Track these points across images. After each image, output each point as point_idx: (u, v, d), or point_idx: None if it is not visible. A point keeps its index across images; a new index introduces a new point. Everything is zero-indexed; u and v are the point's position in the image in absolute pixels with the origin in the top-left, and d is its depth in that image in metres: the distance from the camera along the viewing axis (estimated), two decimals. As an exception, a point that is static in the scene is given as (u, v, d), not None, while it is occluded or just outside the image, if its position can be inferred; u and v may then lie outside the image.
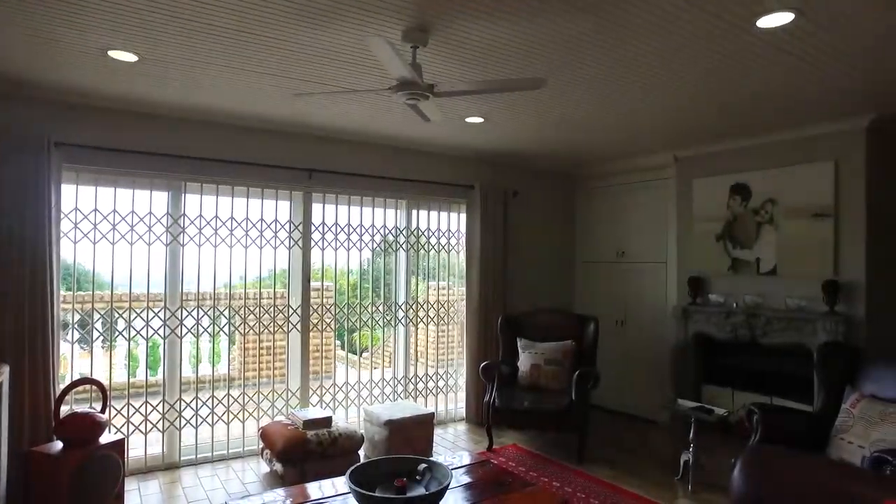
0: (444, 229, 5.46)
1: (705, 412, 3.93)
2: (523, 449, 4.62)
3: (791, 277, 4.50)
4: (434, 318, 5.42)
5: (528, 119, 4.25)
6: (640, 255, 5.82)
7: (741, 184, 4.86)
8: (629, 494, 3.73)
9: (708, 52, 2.89)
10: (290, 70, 3.21)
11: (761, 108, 3.87)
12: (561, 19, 2.52)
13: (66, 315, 3.84)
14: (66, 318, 3.84)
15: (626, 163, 5.82)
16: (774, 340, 4.49)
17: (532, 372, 4.78)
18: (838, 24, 2.56)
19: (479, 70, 3.16)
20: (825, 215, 4.30)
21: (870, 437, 2.95)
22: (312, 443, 3.72)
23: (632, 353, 5.80)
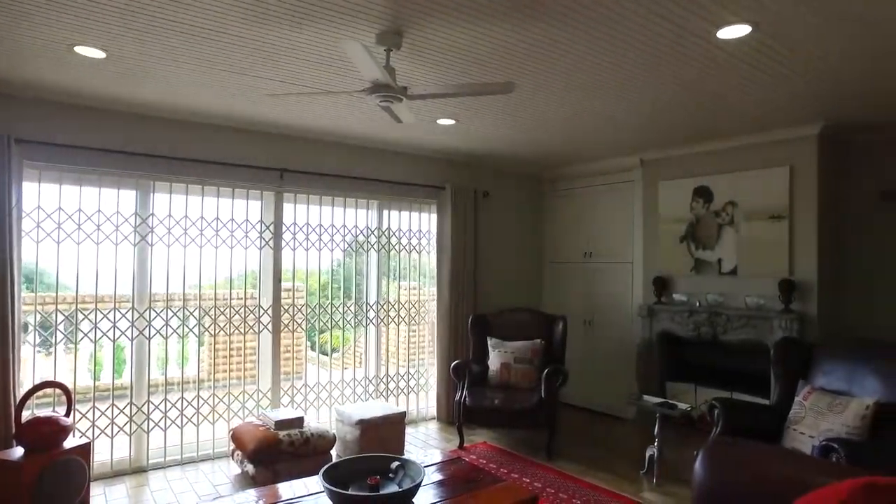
0: (414, 229, 5.50)
1: (669, 408, 4.07)
2: (494, 446, 4.69)
3: (750, 277, 4.68)
4: (405, 319, 5.45)
5: (498, 121, 4.33)
6: (607, 255, 5.96)
7: (703, 187, 5.04)
8: (597, 489, 3.83)
9: (672, 61, 3.01)
10: (263, 70, 3.21)
11: (722, 114, 4.03)
12: (531, 26, 2.59)
13: (28, 317, 3.75)
14: (27, 319, 3.74)
15: (594, 165, 5.96)
16: (735, 338, 4.67)
17: (502, 371, 4.85)
18: (792, 39, 2.69)
19: (452, 73, 3.21)
20: (781, 217, 4.49)
21: (819, 427, 3.11)
22: (284, 443, 3.71)
23: (599, 352, 5.94)
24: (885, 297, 4.35)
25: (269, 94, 3.04)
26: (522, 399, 4.47)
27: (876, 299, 4.41)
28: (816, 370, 3.55)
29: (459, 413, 4.57)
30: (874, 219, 4.44)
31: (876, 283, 4.42)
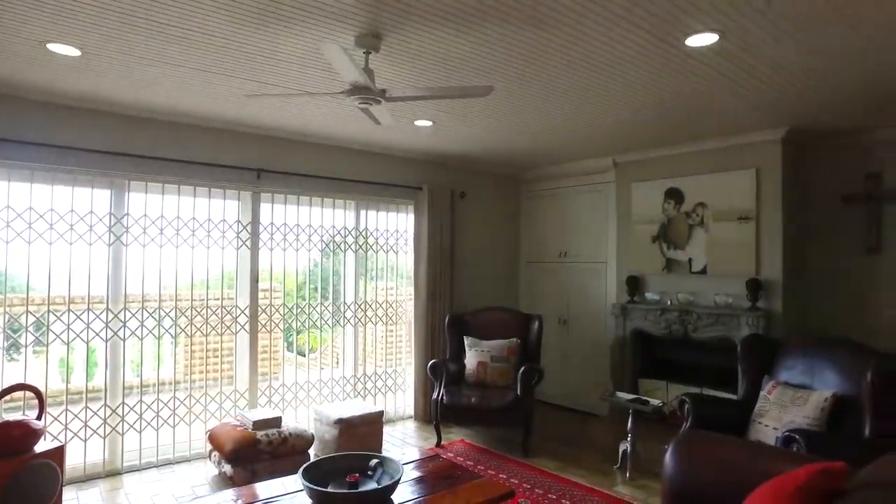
0: (392, 230, 5.54)
1: (642, 403, 4.18)
2: (471, 444, 4.75)
3: (719, 276, 4.83)
4: (382, 318, 5.48)
5: (476, 123, 4.39)
6: (582, 255, 6.07)
7: (675, 188, 5.17)
8: (572, 483, 3.92)
9: (645, 66, 3.10)
10: (242, 71, 3.22)
11: (692, 118, 4.15)
12: (509, 31, 2.66)
13: (-2, 318, 3.68)
14: (-3, 321, 3.68)
15: (569, 167, 6.06)
16: (704, 335, 4.81)
17: (479, 369, 4.91)
18: (755, 48, 2.81)
19: (430, 76, 3.26)
20: (748, 218, 4.64)
21: (782, 419, 3.24)
22: (263, 443, 3.72)
23: (573, 350, 6.05)
24: (845, 296, 4.54)
25: (247, 96, 3.04)
26: (499, 397, 4.53)
27: (836, 298, 4.59)
28: (780, 365, 3.68)
29: (437, 411, 4.62)
30: (835, 220, 4.62)
31: (836, 282, 4.60)
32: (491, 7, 2.42)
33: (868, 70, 3.10)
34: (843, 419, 3.13)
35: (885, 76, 3.19)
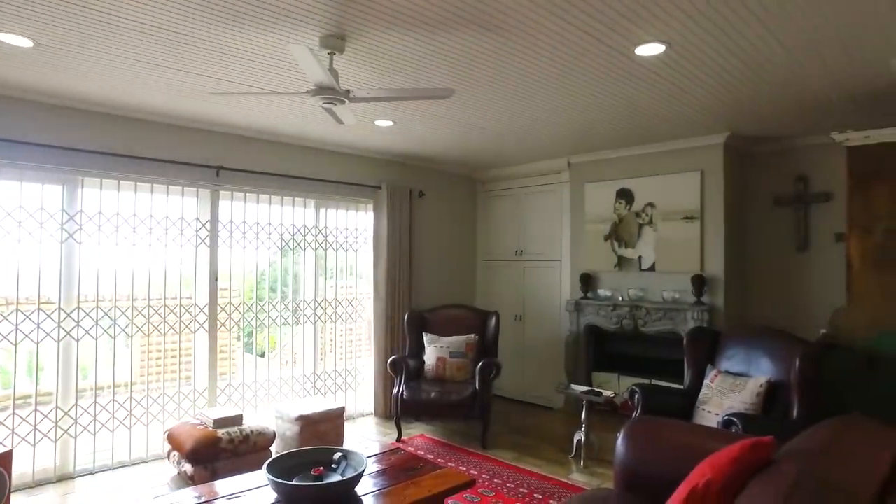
0: (351, 228, 5.57)
1: (595, 395, 4.36)
2: (431, 438, 4.85)
3: (667, 273, 5.08)
4: (342, 316, 5.52)
5: (435, 124, 4.48)
6: (537, 253, 6.25)
7: (626, 189, 5.40)
8: (529, 473, 4.07)
9: (597, 73, 3.27)
10: (205, 67, 3.21)
11: (642, 122, 4.37)
12: (472, 37, 2.76)
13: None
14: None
15: (525, 167, 6.24)
16: (653, 329, 5.05)
17: (438, 365, 5.02)
18: (699, 58, 3.01)
19: (393, 78, 3.34)
20: (693, 218, 4.91)
21: (723, 405, 3.48)
22: (224, 441, 3.70)
23: (529, 346, 6.23)
24: (778, 290, 4.86)
25: (212, 94, 3.04)
26: (458, 391, 4.65)
27: (771, 292, 4.91)
28: (721, 355, 3.93)
29: (397, 407, 4.69)
30: (768, 221, 4.95)
31: (771, 277, 4.92)
32: (452, 14, 2.52)
33: (791, 81, 3.36)
34: (775, 402, 3.39)
35: (803, 86, 3.46)
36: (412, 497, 2.86)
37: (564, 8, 2.46)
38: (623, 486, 2.64)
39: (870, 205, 3.84)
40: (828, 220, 4.61)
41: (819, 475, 1.53)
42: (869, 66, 3.12)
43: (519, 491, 3.73)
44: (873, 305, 3.84)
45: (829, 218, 4.60)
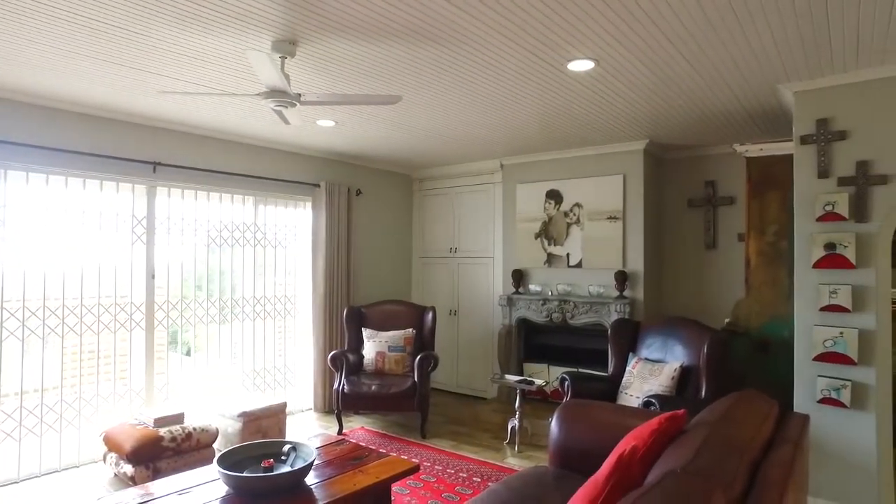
0: (290, 225, 5.60)
1: (527, 383, 4.65)
2: (371, 431, 4.98)
3: (593, 269, 5.46)
4: (280, 312, 5.53)
5: (376, 125, 4.61)
6: (471, 250, 6.51)
7: (555, 190, 5.75)
8: (467, 459, 4.30)
9: (532, 84, 3.53)
10: (153, 65, 3.20)
11: (571, 128, 4.69)
12: (417, 47, 2.93)
13: None
14: None
15: (460, 167, 6.47)
16: (580, 321, 5.42)
17: (377, 359, 5.15)
18: (624, 74, 3.32)
19: (342, 82, 3.45)
20: (616, 218, 5.31)
21: (643, 388, 3.85)
22: (166, 439, 3.68)
23: (463, 339, 6.47)
24: (689, 284, 5.36)
25: (161, 92, 3.03)
26: (398, 384, 4.81)
27: (683, 285, 5.41)
28: (642, 344, 4.33)
29: (338, 401, 4.79)
30: (682, 221, 5.44)
31: (683, 272, 5.41)
32: (402, 25, 2.68)
33: (700, 97, 3.77)
34: (688, 384, 3.80)
35: (710, 102, 3.88)
36: (361, 484, 3.00)
37: (506, 25, 2.68)
38: (558, 463, 2.91)
39: (764, 209, 4.35)
40: (731, 221, 5.14)
41: (721, 436, 1.83)
42: (761, 88, 3.56)
43: (459, 476, 3.95)
44: (765, 297, 4.35)
45: (732, 220, 5.13)
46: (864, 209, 3.28)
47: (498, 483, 2.66)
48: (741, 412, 2.14)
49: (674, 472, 1.55)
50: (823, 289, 3.36)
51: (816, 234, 3.39)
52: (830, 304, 3.33)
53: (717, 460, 1.68)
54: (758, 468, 1.79)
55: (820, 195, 3.40)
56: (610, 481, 1.66)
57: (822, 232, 3.39)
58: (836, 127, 3.38)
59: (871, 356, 3.24)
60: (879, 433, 3.23)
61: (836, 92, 3.39)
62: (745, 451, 1.78)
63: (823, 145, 3.40)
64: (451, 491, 3.67)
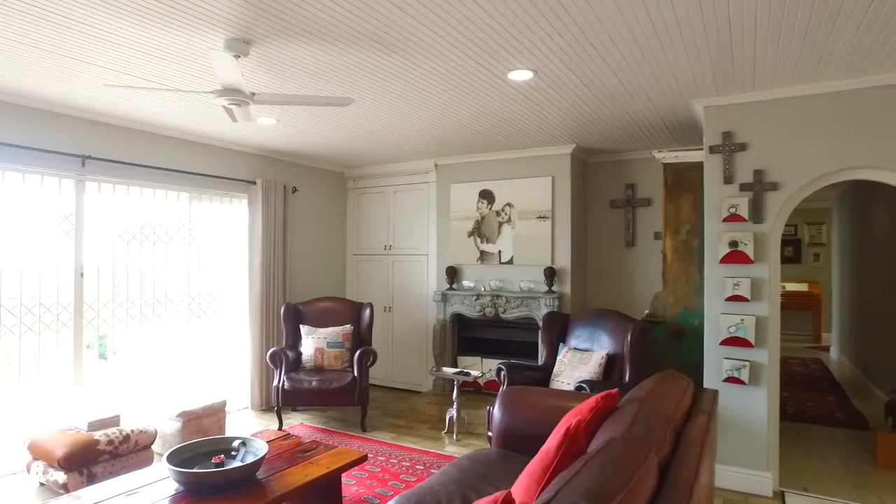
0: (225, 222, 5.51)
1: (465, 375, 4.87)
2: (311, 426, 5.03)
3: (523, 265, 5.77)
4: (217, 310, 5.44)
5: (317, 124, 4.66)
6: (406, 248, 6.66)
7: (488, 190, 6.01)
8: (409, 449, 4.45)
9: (473, 90, 3.73)
10: (100, 58, 3.11)
11: (506, 132, 4.95)
12: (368, 52, 3.05)
13: None
14: None
15: (395, 166, 6.60)
16: (512, 315, 5.71)
17: (316, 355, 5.20)
18: (558, 84, 3.60)
19: (292, 82, 3.50)
20: (545, 217, 5.64)
21: (573, 375, 4.17)
22: (102, 443, 3.58)
23: (398, 335, 6.62)
24: (613, 279, 5.79)
25: (108, 85, 2.96)
26: (338, 379, 4.88)
27: (606, 279, 5.83)
28: (571, 335, 4.66)
29: (278, 397, 4.80)
30: (605, 220, 5.86)
31: (606, 267, 5.84)
32: (354, 30, 2.79)
33: (624, 107, 4.13)
34: (613, 369, 4.15)
35: (633, 112, 4.26)
36: (313, 475, 3.10)
37: (454, 35, 2.86)
38: (501, 445, 3.14)
39: (678, 210, 4.80)
40: (649, 221, 5.60)
41: (650, 409, 2.10)
42: (677, 102, 3.96)
43: (402, 464, 4.10)
44: (679, 289, 4.81)
45: (650, 219, 5.59)
46: (760, 211, 3.75)
47: (448, 465, 2.84)
48: (665, 389, 2.44)
49: (615, 439, 1.79)
50: (728, 281, 3.80)
51: (722, 233, 3.83)
52: (734, 294, 3.78)
53: (649, 428, 1.95)
54: (681, 434, 2.08)
55: (725, 199, 3.83)
56: (560, 450, 1.89)
57: (727, 231, 3.82)
58: (738, 139, 3.83)
59: (764, 339, 3.71)
60: (769, 404, 3.70)
61: (738, 109, 3.84)
62: (671, 420, 2.07)
63: (728, 155, 3.84)
64: (397, 479, 3.82)
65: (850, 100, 3.52)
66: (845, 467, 4.07)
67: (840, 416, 5.39)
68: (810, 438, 4.71)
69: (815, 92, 3.60)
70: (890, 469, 4.02)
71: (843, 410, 5.61)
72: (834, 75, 3.41)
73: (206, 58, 3.06)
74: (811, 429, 5.00)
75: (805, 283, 10.27)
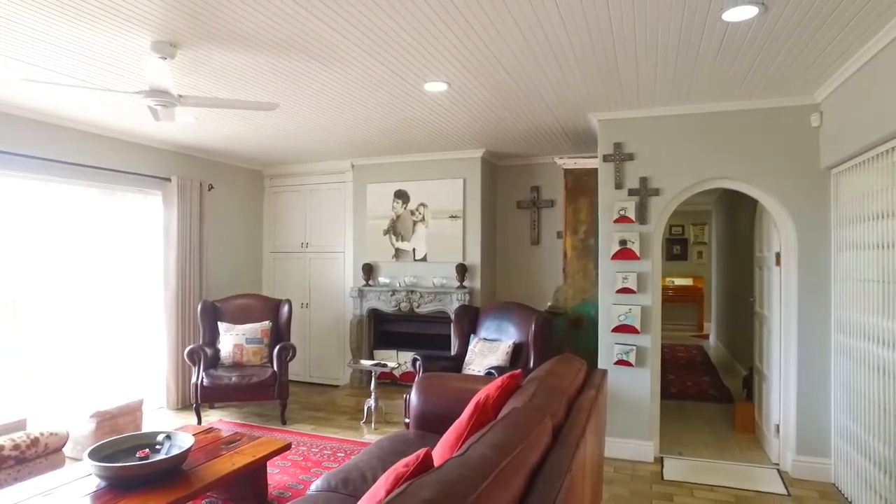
0: (140, 219, 5.38)
1: (381, 366, 5.11)
2: (230, 422, 5.06)
3: (437, 262, 6.09)
4: (131, 308, 5.30)
5: (236, 123, 4.71)
6: (323, 245, 6.78)
7: (403, 190, 6.27)
8: (329, 439, 4.63)
9: (391, 98, 3.98)
10: (17, 51, 3.04)
11: (420, 137, 5.23)
12: (289, 59, 3.21)
13: None
14: None
15: (312, 166, 6.70)
16: (426, 310, 6.01)
17: (235, 351, 5.23)
18: (469, 95, 3.93)
19: (218, 85, 3.58)
20: (457, 217, 5.98)
21: (483, 363, 4.53)
22: (7, 448, 3.46)
23: (315, 331, 6.73)
24: (518, 274, 6.25)
25: (24, 80, 2.90)
26: (258, 374, 4.96)
27: (513, 275, 6.28)
28: (481, 326, 5.03)
29: (197, 394, 4.81)
30: (512, 220, 6.31)
31: (513, 264, 6.29)
32: (279, 39, 2.95)
33: (528, 117, 4.54)
34: (520, 357, 4.56)
35: (536, 121, 4.70)
36: (240, 463, 3.23)
37: (373, 48, 3.09)
38: (418, 426, 3.41)
39: (577, 212, 5.31)
40: (552, 221, 6.10)
41: (548, 385, 2.46)
42: (576, 114, 4.43)
43: (324, 453, 4.28)
44: (578, 283, 5.32)
45: (552, 220, 6.09)
46: (645, 214, 4.28)
47: (369, 446, 3.08)
48: (561, 369, 2.83)
49: (517, 408, 2.12)
50: (618, 276, 4.31)
51: (613, 233, 4.33)
52: (623, 287, 4.29)
53: (547, 399, 2.30)
54: (573, 404, 2.46)
55: (616, 202, 4.33)
56: (472, 420, 2.19)
57: (618, 231, 4.33)
58: (627, 150, 4.34)
59: (648, 326, 4.24)
60: (652, 383, 4.25)
61: (626, 123, 4.35)
62: (565, 393, 2.44)
63: (618, 163, 4.35)
64: (319, 466, 4.00)
65: (714, 120, 4.12)
66: (712, 434, 4.73)
67: (712, 393, 6.17)
68: (687, 412, 5.39)
69: (687, 112, 4.17)
70: (745, 433, 4.73)
71: (714, 388, 6.42)
72: (701, 99, 3.98)
73: (131, 57, 3.09)
74: (689, 405, 5.70)
75: (690, 279, 11.39)
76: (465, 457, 1.52)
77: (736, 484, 3.73)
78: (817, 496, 3.58)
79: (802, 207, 3.91)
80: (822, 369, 3.83)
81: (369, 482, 2.51)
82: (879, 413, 3.05)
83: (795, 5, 2.54)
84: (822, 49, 3.04)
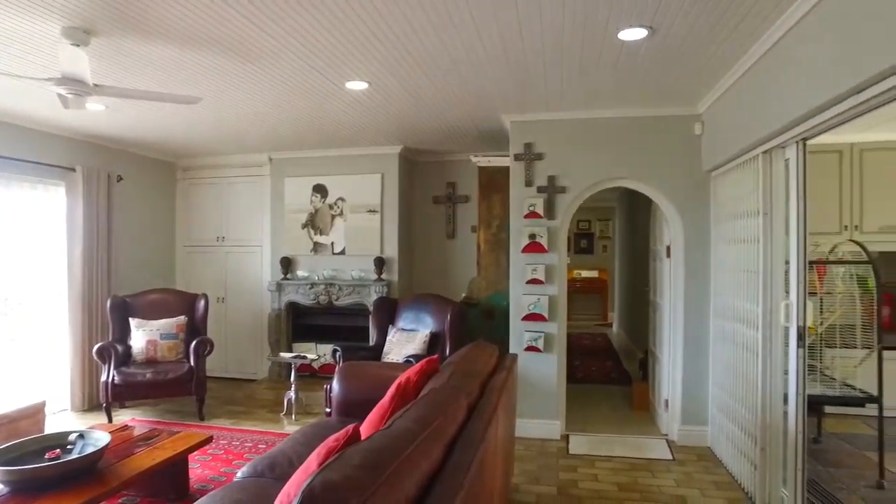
0: (39, 212, 5.07)
1: (301, 358, 5.17)
2: (144, 420, 4.93)
3: (355, 256, 6.19)
4: (29, 307, 5.00)
5: (148, 113, 4.58)
6: (239, 239, 6.67)
7: (321, 184, 6.30)
8: (249, 432, 4.64)
9: (311, 95, 4.05)
10: None
11: (340, 132, 5.31)
12: (209, 54, 3.22)
13: None
14: None
15: (229, 158, 6.57)
16: (345, 302, 6.11)
17: (149, 347, 5.09)
18: (389, 94, 4.08)
19: (135, 76, 3.52)
20: (375, 211, 6.11)
21: (402, 353, 4.72)
22: None
23: (231, 325, 6.64)
24: (436, 266, 6.49)
25: None
26: (174, 370, 4.86)
27: (430, 267, 6.51)
28: (398, 318, 5.21)
29: (108, 393, 4.65)
30: (428, 214, 6.52)
31: (430, 257, 6.51)
32: (199, 33, 2.97)
33: (445, 116, 4.76)
34: (436, 346, 4.78)
35: (453, 121, 4.93)
36: (159, 458, 3.22)
37: (296, 47, 3.17)
38: (340, 413, 3.55)
39: (490, 207, 5.60)
40: (467, 216, 6.37)
41: (463, 369, 2.69)
42: (489, 115, 4.69)
43: (245, 445, 4.30)
44: (491, 275, 5.63)
45: (467, 214, 6.37)
46: (552, 210, 4.62)
47: (293, 433, 3.18)
48: (475, 354, 3.07)
49: (435, 388, 2.33)
50: (528, 268, 4.63)
51: (523, 228, 4.64)
52: (532, 278, 4.61)
53: (462, 381, 2.53)
54: (486, 385, 2.70)
55: (526, 199, 4.64)
56: (394, 401, 2.37)
57: (527, 226, 4.64)
58: (536, 150, 4.66)
59: (555, 314, 4.60)
60: (558, 367, 4.62)
61: (536, 125, 4.66)
62: (478, 375, 2.68)
63: (529, 162, 4.66)
64: (241, 458, 4.03)
65: (615, 125, 4.52)
66: (613, 412, 5.20)
67: (613, 376, 6.71)
68: (591, 394, 5.85)
69: (592, 116, 4.55)
70: (641, 410, 5.24)
71: (616, 371, 6.98)
72: (603, 105, 4.37)
73: (42, 42, 2.97)
74: (593, 387, 6.18)
75: (596, 271, 12.14)
76: (391, 429, 1.70)
77: (631, 454, 4.16)
78: (696, 458, 4.08)
79: (688, 206, 4.40)
80: (703, 349, 4.35)
81: (296, 465, 2.62)
82: (742, 382, 3.55)
83: (679, 28, 2.90)
84: (701, 66, 3.46)
